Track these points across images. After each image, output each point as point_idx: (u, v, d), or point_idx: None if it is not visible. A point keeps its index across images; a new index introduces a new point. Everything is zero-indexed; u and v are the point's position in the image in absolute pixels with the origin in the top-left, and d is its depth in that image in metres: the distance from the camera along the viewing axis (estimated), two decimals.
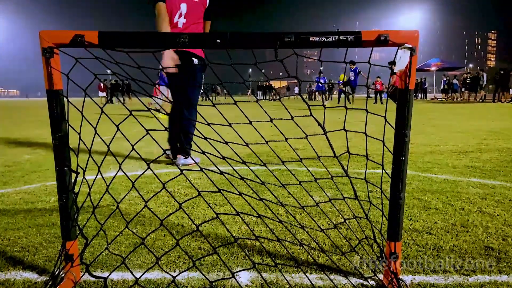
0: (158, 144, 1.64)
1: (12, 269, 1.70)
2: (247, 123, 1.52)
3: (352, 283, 1.57)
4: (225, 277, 1.64)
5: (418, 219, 2.30)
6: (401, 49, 1.35)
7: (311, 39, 1.34)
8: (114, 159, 4.06)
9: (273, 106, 20.79)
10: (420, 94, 36.58)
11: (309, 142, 1.48)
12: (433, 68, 34.66)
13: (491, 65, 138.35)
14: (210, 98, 42.31)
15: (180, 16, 3.79)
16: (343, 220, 2.19)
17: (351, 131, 1.48)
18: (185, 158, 4.06)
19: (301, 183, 1.53)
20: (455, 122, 9.45)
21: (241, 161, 1.56)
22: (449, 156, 4.45)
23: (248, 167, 1.61)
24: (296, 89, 52.25)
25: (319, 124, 1.47)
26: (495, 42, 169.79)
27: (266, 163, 3.84)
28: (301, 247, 1.90)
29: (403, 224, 2.10)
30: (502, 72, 24.72)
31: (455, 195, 2.81)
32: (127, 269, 1.64)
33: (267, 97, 39.16)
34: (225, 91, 59.25)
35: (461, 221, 2.25)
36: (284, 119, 1.53)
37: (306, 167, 1.73)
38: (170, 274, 1.58)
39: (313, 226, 2.18)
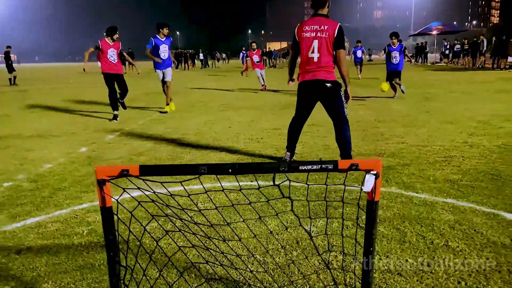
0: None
1: None
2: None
3: None
4: None
5: (393, 256, 2.78)
6: (368, 174, 1.77)
7: (300, 167, 1.76)
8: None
9: (275, 78, 20.96)
10: (420, 59, 36.48)
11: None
12: (434, 32, 34.43)
13: (495, 21, 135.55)
14: (209, 65, 42.41)
15: (313, 51, 4.65)
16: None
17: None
18: None
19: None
20: (449, 106, 9.82)
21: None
22: (433, 165, 4.89)
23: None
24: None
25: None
26: None
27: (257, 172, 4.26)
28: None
29: (382, 263, 2.59)
30: (504, 38, 24.69)
31: (429, 223, 3.28)
32: None
33: (268, 64, 38.97)
34: (223, 56, 58.71)
35: (428, 258, 2.73)
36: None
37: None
38: None
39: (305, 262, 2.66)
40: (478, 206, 3.61)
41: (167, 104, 10.25)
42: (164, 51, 9.75)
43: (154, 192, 1.86)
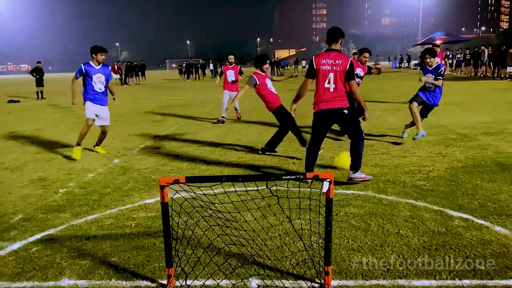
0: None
1: (135, 279, 3.32)
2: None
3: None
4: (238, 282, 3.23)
5: (357, 240, 3.86)
6: (325, 181, 2.87)
7: (283, 177, 2.87)
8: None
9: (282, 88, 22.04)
10: None
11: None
12: (438, 42, 35.25)
13: (504, 27, 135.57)
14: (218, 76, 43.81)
15: (329, 82, 5.38)
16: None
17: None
18: (354, 173, 5.56)
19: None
20: (437, 119, 10.77)
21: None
22: (407, 173, 5.96)
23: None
24: (304, 63, 53.06)
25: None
26: (508, 2, 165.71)
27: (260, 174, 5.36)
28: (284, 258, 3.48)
29: (348, 244, 3.68)
30: (504, 47, 25.59)
31: (390, 218, 4.36)
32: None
33: (275, 74, 40.17)
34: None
35: (381, 241, 3.82)
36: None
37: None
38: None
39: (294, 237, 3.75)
40: (431, 205, 4.68)
41: (78, 145, 7.74)
42: (99, 82, 7.61)
43: (195, 193, 2.99)
